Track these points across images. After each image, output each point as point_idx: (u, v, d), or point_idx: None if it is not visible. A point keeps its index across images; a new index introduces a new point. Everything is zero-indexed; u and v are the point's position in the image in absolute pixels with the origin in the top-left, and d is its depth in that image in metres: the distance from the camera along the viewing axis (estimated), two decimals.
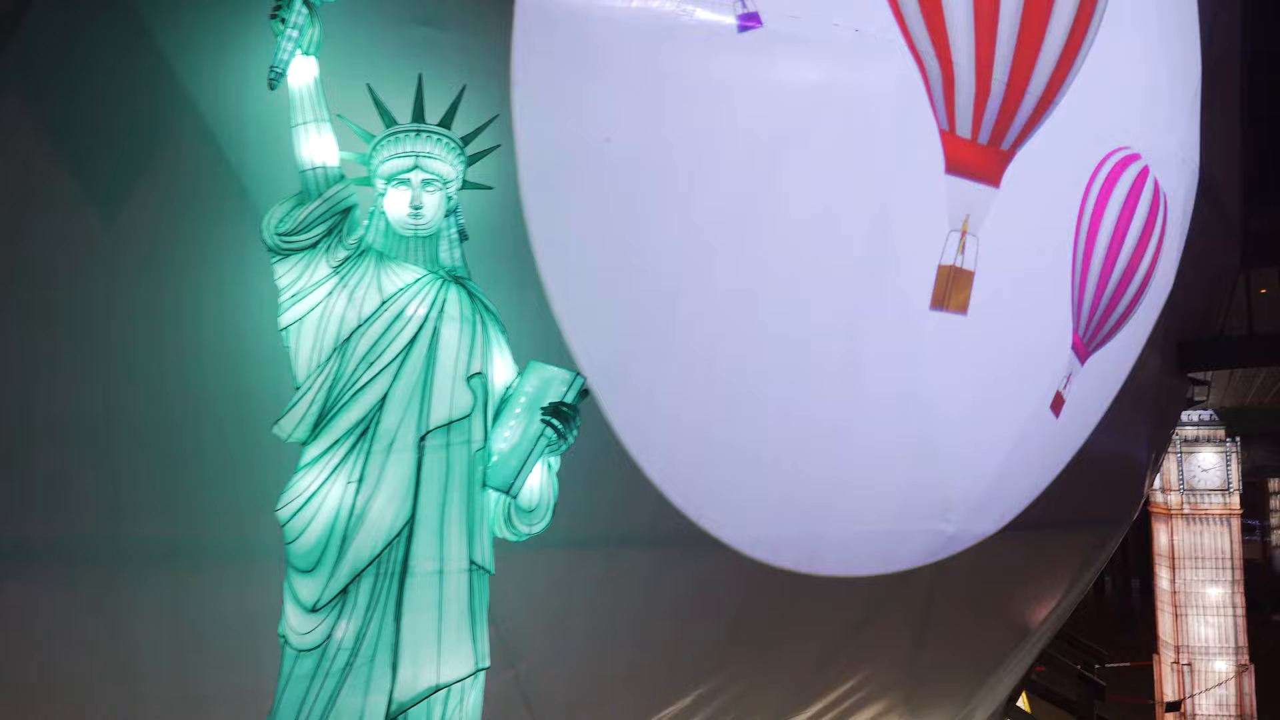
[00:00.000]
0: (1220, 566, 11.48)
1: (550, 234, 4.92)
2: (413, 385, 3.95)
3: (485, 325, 4.16)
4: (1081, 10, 6.28)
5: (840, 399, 5.83)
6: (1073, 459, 7.22)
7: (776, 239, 5.42)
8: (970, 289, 6.04)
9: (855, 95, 5.41)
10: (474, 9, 4.65)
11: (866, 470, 6.02)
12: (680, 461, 5.49)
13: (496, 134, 4.58)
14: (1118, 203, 6.68)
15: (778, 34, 5.15)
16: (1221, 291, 9.33)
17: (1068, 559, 8.08)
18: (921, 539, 6.42)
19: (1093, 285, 6.73)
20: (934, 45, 5.60)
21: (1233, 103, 9.01)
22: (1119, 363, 7.33)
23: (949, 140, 5.76)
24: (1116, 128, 6.64)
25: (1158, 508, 11.95)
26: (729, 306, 5.40)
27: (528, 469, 4.01)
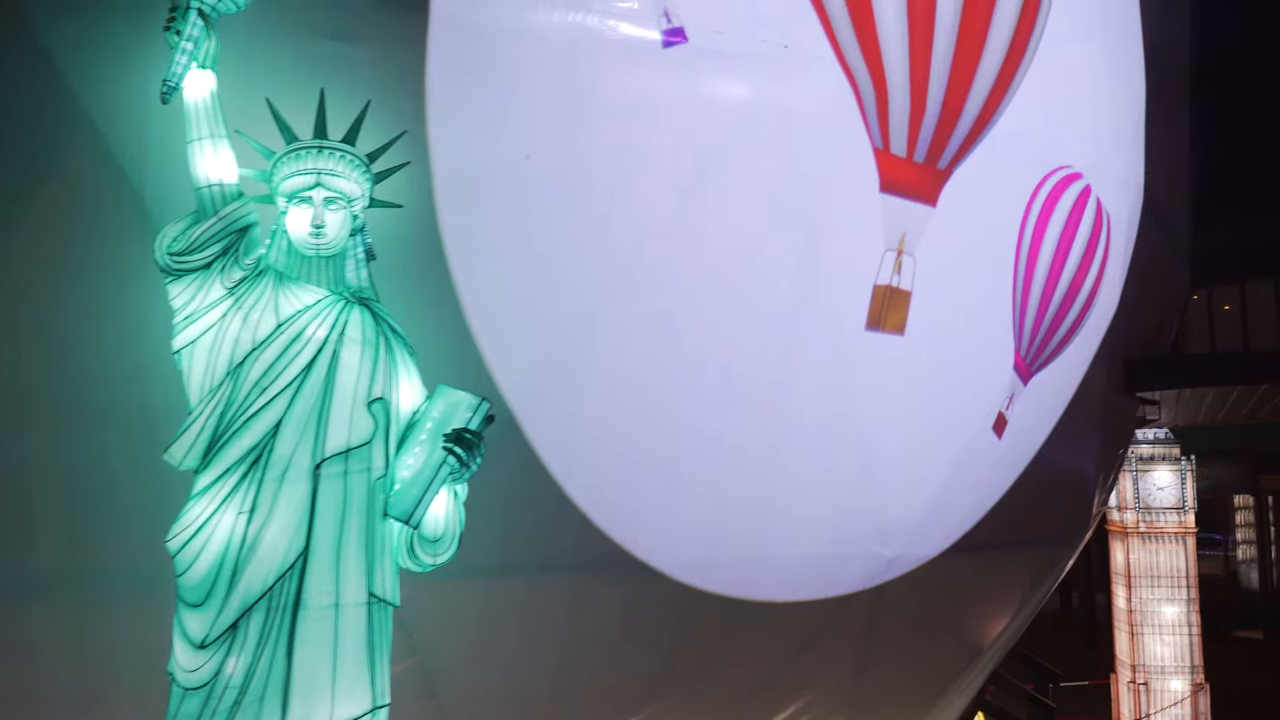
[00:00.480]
0: (1176, 585, 11.44)
1: (468, 251, 4.79)
2: (309, 411, 3.81)
3: (390, 348, 4.03)
4: (1020, 28, 6.22)
5: (772, 420, 5.71)
6: (1018, 480, 7.13)
7: (703, 257, 5.31)
8: (907, 309, 5.95)
9: (784, 112, 5.31)
10: (385, 22, 4.53)
11: (800, 493, 5.91)
12: (606, 484, 5.36)
13: (409, 150, 4.47)
14: (1059, 222, 6.61)
15: (703, 49, 5.06)
16: (1172, 310, 9.30)
17: (1017, 579, 7.99)
18: (860, 563, 6.31)
19: (1034, 305, 6.66)
20: (866, 62, 5.52)
21: (1181, 121, 9.00)
22: (1063, 383, 7.26)
23: (883, 158, 5.67)
24: (1057, 147, 6.57)
25: (1114, 526, 11.91)
26: (655, 325, 5.29)
27: (429, 498, 3.87)
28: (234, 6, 3.96)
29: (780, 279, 5.54)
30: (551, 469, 5.18)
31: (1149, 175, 7.66)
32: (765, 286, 5.51)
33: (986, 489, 6.91)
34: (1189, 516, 11.52)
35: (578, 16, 4.82)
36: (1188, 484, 11.44)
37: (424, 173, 4.65)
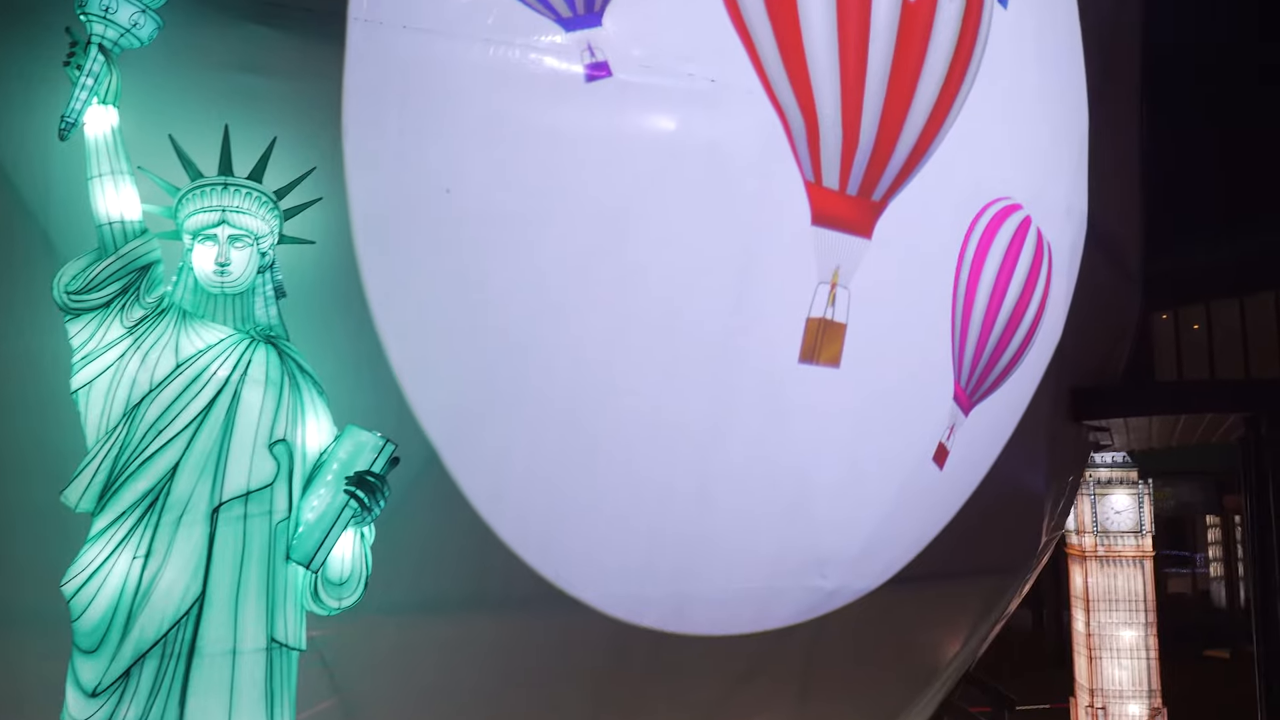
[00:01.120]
0: (1134, 609, 11.42)
1: (387, 286, 4.74)
2: (207, 453, 3.74)
3: (296, 387, 3.97)
4: (956, 60, 6.23)
5: (705, 453, 5.67)
6: (961, 509, 7.10)
7: (633, 290, 5.27)
8: (842, 341, 5.93)
9: (712, 145, 5.29)
10: (301, 55, 4.48)
11: (735, 526, 5.86)
12: (534, 519, 5.30)
13: (324, 185, 4.43)
14: (999, 253, 6.61)
15: (628, 84, 5.03)
16: (1123, 336, 9.32)
17: (964, 608, 7.96)
18: (799, 595, 6.26)
19: (974, 336, 6.65)
20: (797, 96, 5.50)
21: (1132, 148, 9.04)
22: (1007, 412, 7.25)
23: (815, 191, 5.66)
24: (995, 178, 6.58)
25: (1073, 549, 11.90)
26: (584, 358, 5.25)
27: (331, 542, 3.80)
28: (137, 41, 3.91)
29: (711, 312, 5.50)
30: (476, 504, 5.12)
31: (1094, 203, 7.68)
32: (696, 319, 5.47)
33: (929, 520, 6.88)
34: (1146, 540, 11.51)
35: (500, 50, 4.78)
36: (1145, 507, 11.44)
37: (341, 207, 4.59)
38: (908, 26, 5.98)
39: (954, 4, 6.21)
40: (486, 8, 4.76)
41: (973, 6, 6.35)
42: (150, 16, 3.89)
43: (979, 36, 6.37)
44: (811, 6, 5.58)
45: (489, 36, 4.76)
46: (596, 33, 4.97)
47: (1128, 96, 8.88)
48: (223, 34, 4.35)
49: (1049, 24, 7.20)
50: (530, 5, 4.85)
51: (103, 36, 3.83)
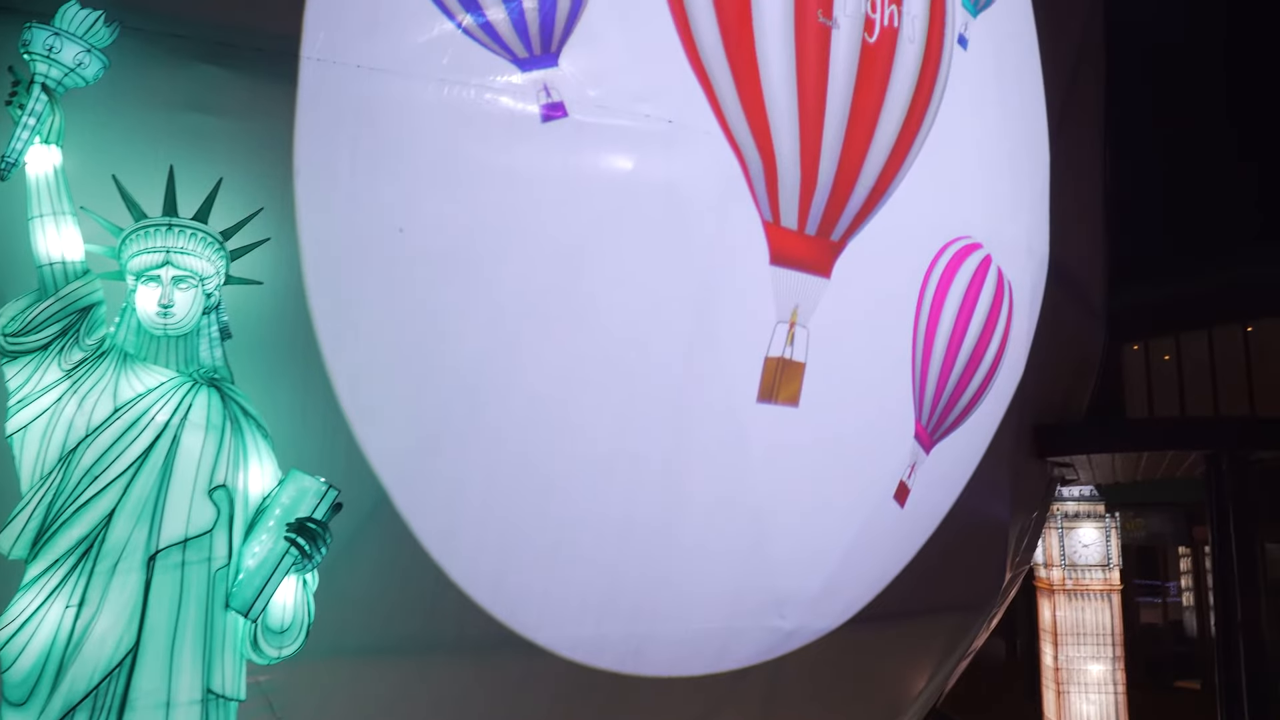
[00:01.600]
0: (1101, 643, 11.42)
1: (339, 327, 4.69)
2: (144, 499, 3.67)
3: (239, 431, 3.91)
4: (916, 100, 6.27)
5: (663, 494, 5.64)
6: (924, 547, 7.09)
7: (589, 330, 5.25)
8: (801, 380, 5.92)
9: (669, 186, 5.29)
10: (252, 94, 4.45)
11: (693, 567, 5.82)
12: (487, 560, 5.24)
13: (275, 225, 4.39)
14: (959, 292, 6.64)
15: (584, 124, 5.03)
16: (1087, 371, 9.36)
17: (927, 646, 7.93)
18: (756, 636, 6.21)
19: (935, 374, 6.66)
20: (755, 136, 5.52)
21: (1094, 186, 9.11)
22: (969, 450, 7.25)
23: (773, 232, 5.66)
24: (955, 218, 6.61)
25: (1041, 582, 11.90)
26: (540, 399, 5.21)
27: (270, 590, 3.74)
28: (82, 81, 3.87)
29: (669, 351, 5.49)
30: (428, 545, 5.06)
31: (1056, 241, 7.73)
32: (654, 359, 5.45)
33: (890, 558, 6.86)
34: (1114, 573, 11.52)
35: (455, 90, 4.77)
36: (1113, 541, 11.46)
37: (291, 247, 4.55)
38: (867, 67, 6.02)
39: (914, 45, 6.26)
40: (442, 48, 4.75)
41: (933, 47, 6.41)
42: (96, 56, 3.85)
43: (939, 77, 6.42)
44: (770, 47, 5.60)
45: (444, 76, 4.75)
46: (553, 73, 4.98)
47: (1090, 135, 8.96)
48: (172, 73, 4.31)
49: (1009, 65, 7.26)
50: (486, 45, 4.84)
51: (46, 76, 3.78)
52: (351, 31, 4.62)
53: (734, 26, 5.47)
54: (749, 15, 5.52)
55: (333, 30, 4.58)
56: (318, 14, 4.55)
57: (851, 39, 5.91)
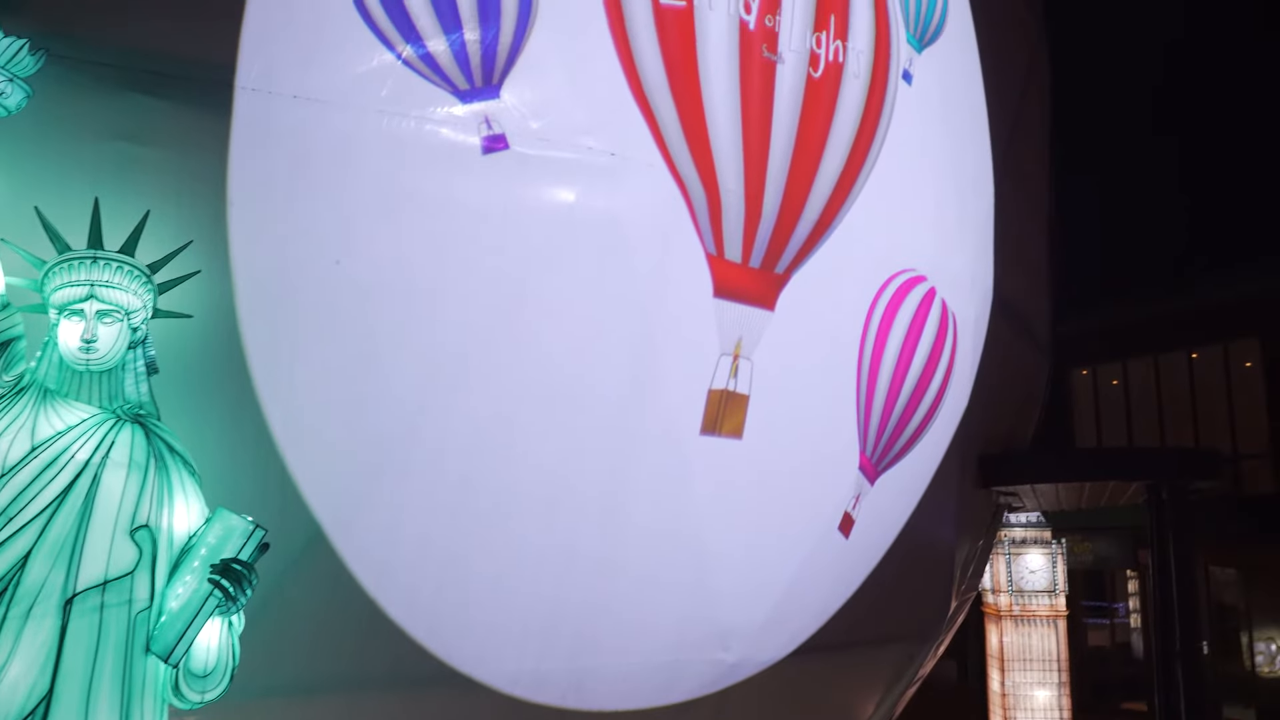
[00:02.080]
0: (1047, 668, 11.51)
1: (272, 360, 4.61)
2: (62, 540, 3.57)
3: (164, 469, 3.82)
4: (861, 134, 6.32)
5: (605, 526, 5.59)
6: (869, 577, 7.10)
7: (531, 363, 5.21)
8: (744, 413, 5.91)
9: (611, 218, 5.28)
10: (184, 125, 4.37)
11: (635, 601, 5.78)
12: (424, 596, 5.16)
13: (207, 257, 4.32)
14: (903, 325, 6.68)
15: (526, 156, 5.01)
16: (1031, 400, 9.47)
17: (874, 676, 7.93)
18: (700, 669, 6.18)
19: (879, 406, 6.69)
20: (698, 169, 5.52)
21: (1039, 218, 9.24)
22: (914, 480, 7.29)
23: (717, 264, 5.67)
24: (900, 250, 6.66)
25: (989, 608, 11.99)
26: (479, 432, 5.15)
27: (192, 634, 3.64)
28: (3, 110, 3.78)
29: (611, 383, 5.46)
30: (363, 581, 4.98)
31: (1000, 274, 7.82)
32: (595, 391, 5.42)
33: (834, 589, 6.86)
34: (1060, 599, 11.63)
35: (394, 121, 4.73)
36: (1059, 567, 11.57)
37: (224, 279, 4.47)
38: (812, 101, 6.06)
39: (859, 80, 6.31)
40: (381, 79, 4.71)
41: (878, 81, 6.47)
42: (18, 85, 3.76)
43: (883, 112, 6.48)
44: (714, 81, 5.62)
45: (383, 108, 4.70)
46: (494, 105, 4.95)
47: (1035, 168, 9.09)
48: (102, 103, 4.23)
49: (954, 100, 7.35)
50: (426, 77, 4.81)
51: None
52: (288, 61, 4.57)
53: (678, 60, 5.49)
54: (693, 49, 5.54)
55: (269, 60, 4.52)
56: (253, 43, 4.49)
57: (796, 74, 5.95)
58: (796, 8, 5.98)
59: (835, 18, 6.16)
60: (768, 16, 5.83)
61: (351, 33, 4.69)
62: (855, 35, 6.27)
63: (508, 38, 4.99)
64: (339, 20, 4.67)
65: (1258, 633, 19.44)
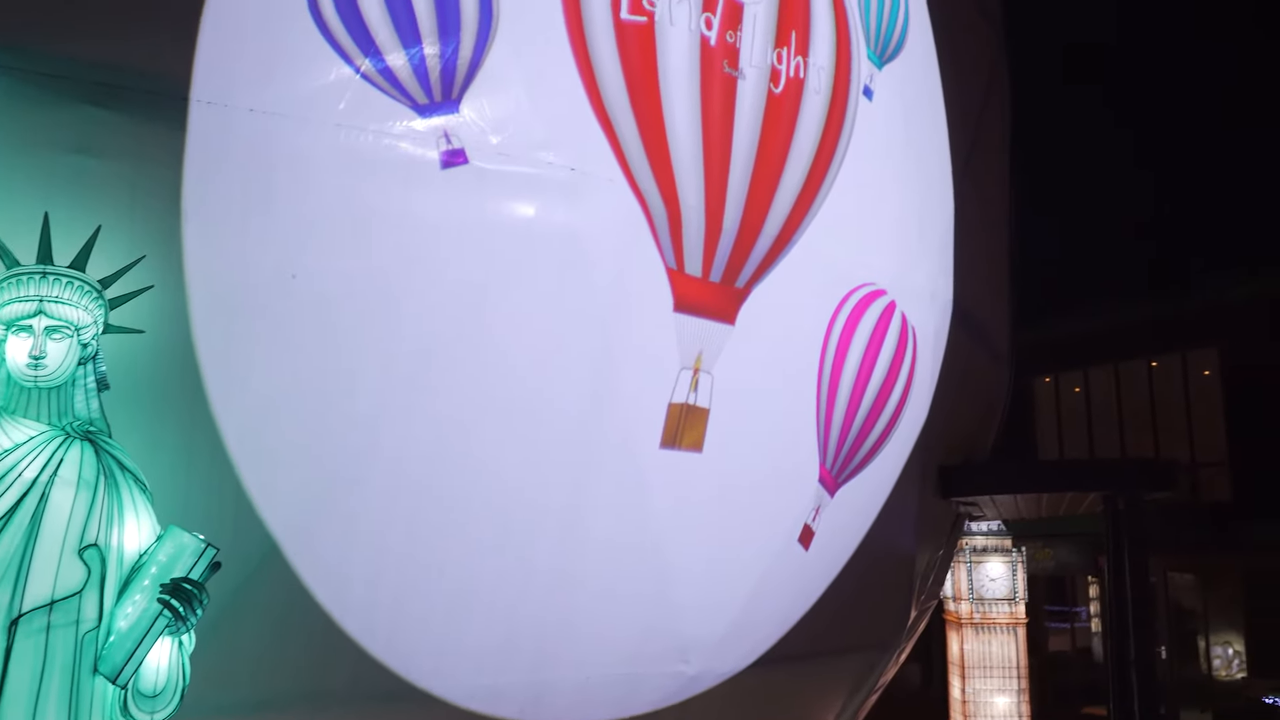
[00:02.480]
0: (1007, 675, 11.62)
1: (227, 375, 4.58)
2: (9, 560, 3.53)
3: (115, 487, 3.79)
4: (821, 149, 6.37)
5: (564, 540, 5.59)
6: (828, 589, 7.14)
7: (489, 378, 5.20)
8: (704, 427, 5.94)
9: (571, 233, 5.29)
10: (138, 137, 4.33)
11: (595, 614, 5.78)
12: (382, 610, 5.14)
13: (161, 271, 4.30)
14: (863, 338, 6.73)
15: (485, 171, 5.00)
16: (992, 411, 9.56)
17: (833, 687, 7.97)
18: (659, 681, 6.19)
19: (839, 419, 6.73)
20: (659, 184, 5.54)
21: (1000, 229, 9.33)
22: (874, 492, 7.34)
23: (677, 279, 5.69)
24: (860, 264, 6.72)
25: (950, 616, 12.09)
26: (437, 446, 5.14)
27: (141, 654, 3.61)
28: None
29: (570, 398, 5.46)
30: (320, 596, 4.95)
31: (960, 286, 7.89)
32: (555, 405, 5.42)
33: (794, 601, 6.89)
34: (1019, 607, 11.75)
35: (351, 135, 4.71)
36: (1019, 575, 11.69)
37: (178, 294, 4.44)
38: (773, 116, 6.10)
39: (819, 96, 6.36)
40: (338, 92, 4.69)
41: (838, 96, 6.52)
42: None
43: (844, 127, 6.53)
44: (675, 96, 5.65)
45: (340, 121, 4.68)
46: (453, 119, 4.94)
47: (995, 180, 9.18)
48: (53, 115, 4.18)
49: (914, 115, 7.42)
50: (385, 91, 4.80)
51: None
52: (245, 74, 4.54)
53: (639, 75, 5.51)
54: (654, 65, 5.56)
55: (225, 73, 4.49)
56: (209, 56, 4.46)
57: (757, 89, 5.99)
58: (758, 23, 6.02)
59: (796, 34, 6.21)
60: (729, 32, 5.87)
61: (309, 46, 4.67)
62: (816, 51, 6.32)
63: (467, 52, 4.98)
64: (296, 33, 4.65)
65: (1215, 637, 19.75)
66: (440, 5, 4.95)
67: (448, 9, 4.97)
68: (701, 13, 5.77)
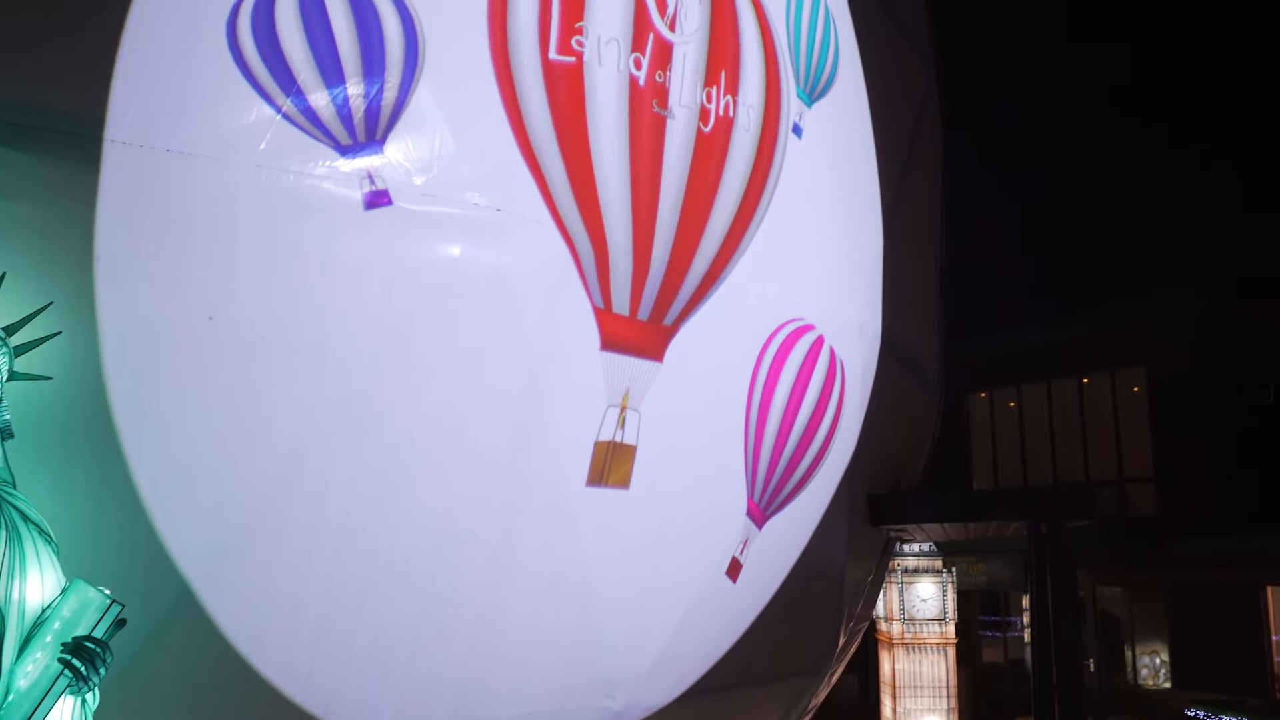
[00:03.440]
0: (937, 694, 11.80)
1: (140, 421, 4.49)
2: None
3: (17, 538, 3.70)
4: (751, 186, 6.42)
5: (490, 578, 5.57)
6: (757, 619, 7.19)
7: (413, 418, 5.16)
8: (631, 463, 5.95)
9: (497, 273, 5.28)
10: (49, 177, 4.24)
11: (521, 650, 5.77)
12: (300, 653, 5.07)
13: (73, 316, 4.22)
14: (791, 373, 6.80)
15: (410, 212, 4.97)
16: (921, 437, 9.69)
17: (762, 714, 8.02)
18: (586, 716, 6.18)
19: (768, 452, 6.79)
20: (586, 224, 5.56)
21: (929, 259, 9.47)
22: (802, 522, 7.41)
23: (604, 317, 5.70)
24: (789, 300, 6.78)
25: (882, 635, 12.24)
26: (358, 486, 5.09)
27: (41, 714, 3.53)
28: None
29: (496, 438, 5.44)
30: (236, 641, 4.87)
31: (890, 317, 7.99)
32: (480, 446, 5.40)
33: (722, 633, 6.93)
34: (949, 627, 11.95)
35: (272, 176, 4.66)
36: (949, 596, 11.88)
37: (90, 339, 4.35)
38: (702, 155, 6.15)
39: (749, 134, 6.42)
40: (259, 133, 4.64)
41: (767, 135, 6.58)
42: None
43: (773, 164, 6.60)
44: (603, 136, 5.66)
45: (261, 162, 4.63)
46: (377, 160, 4.91)
47: (925, 211, 9.31)
48: None
49: (844, 151, 7.51)
50: (307, 131, 4.75)
51: None
52: (162, 114, 4.47)
53: (567, 115, 5.52)
54: (582, 104, 5.57)
55: (141, 112, 4.41)
56: (125, 94, 4.38)
57: (687, 128, 6.03)
58: (687, 63, 6.06)
59: (726, 73, 6.26)
60: (658, 72, 5.90)
61: (229, 85, 4.61)
62: (746, 90, 6.37)
63: (392, 92, 4.95)
64: (216, 73, 4.58)
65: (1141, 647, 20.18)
66: (365, 44, 4.92)
67: (372, 48, 4.94)
68: (631, 52, 5.79)
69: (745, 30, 6.45)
